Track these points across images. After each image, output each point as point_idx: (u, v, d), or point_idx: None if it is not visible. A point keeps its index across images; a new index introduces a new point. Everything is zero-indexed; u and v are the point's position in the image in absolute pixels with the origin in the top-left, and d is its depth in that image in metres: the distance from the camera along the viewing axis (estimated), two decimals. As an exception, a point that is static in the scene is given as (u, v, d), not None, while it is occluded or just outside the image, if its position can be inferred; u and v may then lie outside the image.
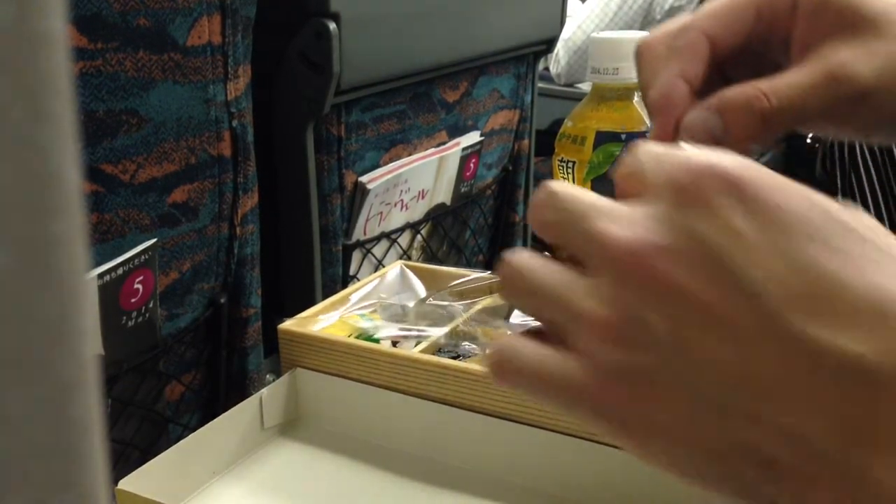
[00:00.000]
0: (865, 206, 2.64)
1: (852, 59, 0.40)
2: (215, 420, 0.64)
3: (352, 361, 0.70)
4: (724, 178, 0.29)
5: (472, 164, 1.27)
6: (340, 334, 0.75)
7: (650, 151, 0.31)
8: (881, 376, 0.26)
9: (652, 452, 0.31)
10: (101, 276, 0.65)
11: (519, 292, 0.33)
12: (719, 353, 0.28)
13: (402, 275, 0.92)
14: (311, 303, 0.87)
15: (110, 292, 0.67)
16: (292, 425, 0.71)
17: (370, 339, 0.77)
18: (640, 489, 0.61)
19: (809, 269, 0.28)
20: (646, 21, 2.28)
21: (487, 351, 0.33)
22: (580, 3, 2.48)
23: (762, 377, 0.28)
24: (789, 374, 0.27)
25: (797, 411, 0.27)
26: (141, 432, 0.75)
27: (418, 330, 0.83)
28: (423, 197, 1.19)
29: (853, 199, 2.70)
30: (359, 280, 1.06)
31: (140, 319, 0.71)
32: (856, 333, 0.27)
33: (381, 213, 1.13)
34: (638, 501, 0.61)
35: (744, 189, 0.29)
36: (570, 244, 0.32)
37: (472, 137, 1.26)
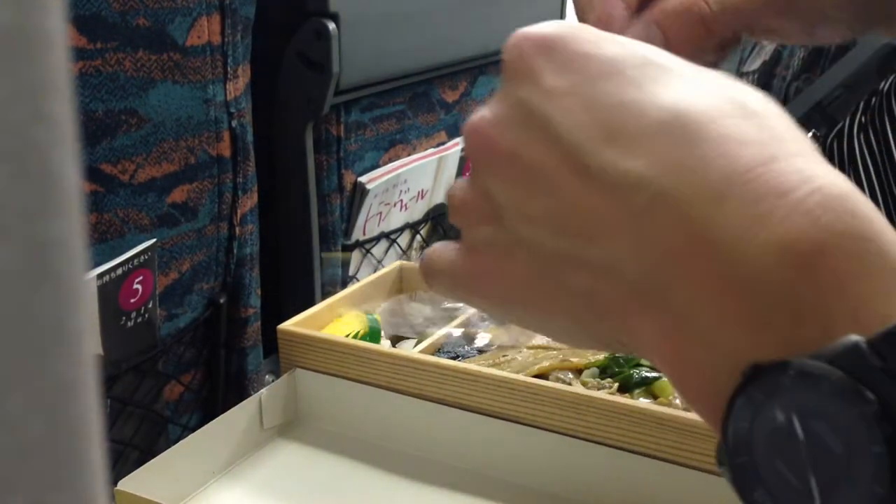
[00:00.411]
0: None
1: None
2: (214, 420, 0.64)
3: (351, 362, 0.70)
4: (537, 41, 0.31)
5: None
6: (340, 334, 0.75)
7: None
8: (660, 190, 0.27)
9: (518, 319, 0.34)
10: (100, 276, 0.65)
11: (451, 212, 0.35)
12: (545, 205, 0.29)
13: (401, 275, 0.92)
14: (311, 303, 0.87)
15: (109, 292, 0.67)
16: (291, 426, 0.71)
17: (371, 337, 0.77)
18: (639, 489, 0.61)
19: (605, 104, 0.29)
20: (645, 21, 2.28)
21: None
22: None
23: (575, 218, 0.29)
24: (595, 209, 0.28)
25: (608, 244, 0.28)
26: (140, 432, 0.75)
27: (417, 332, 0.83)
28: (422, 197, 1.19)
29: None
30: (358, 280, 1.06)
31: (139, 319, 0.71)
32: (637, 154, 0.28)
33: (381, 213, 1.13)
34: (637, 501, 0.61)
35: (554, 47, 0.30)
36: None
37: (472, 137, 1.25)
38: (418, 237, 1.22)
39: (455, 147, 1.21)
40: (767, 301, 0.25)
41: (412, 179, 1.15)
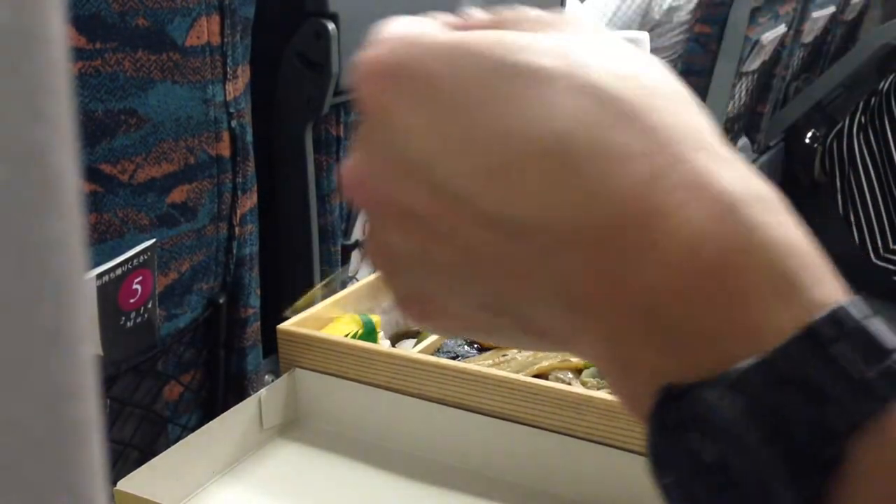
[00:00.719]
0: (865, 207, 2.64)
1: None
2: (214, 420, 0.64)
3: (351, 362, 0.70)
4: (381, 75, 0.28)
5: (470, 165, 1.26)
6: (340, 334, 0.75)
7: (360, 57, 0.30)
8: (557, 234, 0.26)
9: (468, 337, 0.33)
10: (99, 276, 0.65)
11: None
12: (450, 256, 0.28)
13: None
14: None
15: (109, 293, 0.67)
16: (291, 426, 0.71)
17: (367, 337, 0.77)
18: (639, 488, 0.61)
19: (472, 140, 0.26)
20: (644, 20, 2.28)
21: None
22: (579, 2, 2.48)
23: (482, 265, 0.27)
24: (499, 255, 0.27)
25: (523, 287, 0.27)
26: (140, 432, 0.75)
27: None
28: (421, 197, 1.19)
29: (852, 199, 2.70)
30: (358, 280, 1.06)
31: (139, 320, 0.71)
32: (522, 196, 0.26)
33: (380, 213, 1.13)
34: (637, 500, 0.61)
35: (399, 78, 0.28)
36: None
37: (471, 137, 1.26)
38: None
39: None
40: (671, 327, 0.25)
41: (412, 179, 1.15)
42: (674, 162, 0.25)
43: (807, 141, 2.99)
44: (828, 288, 0.25)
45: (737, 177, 0.25)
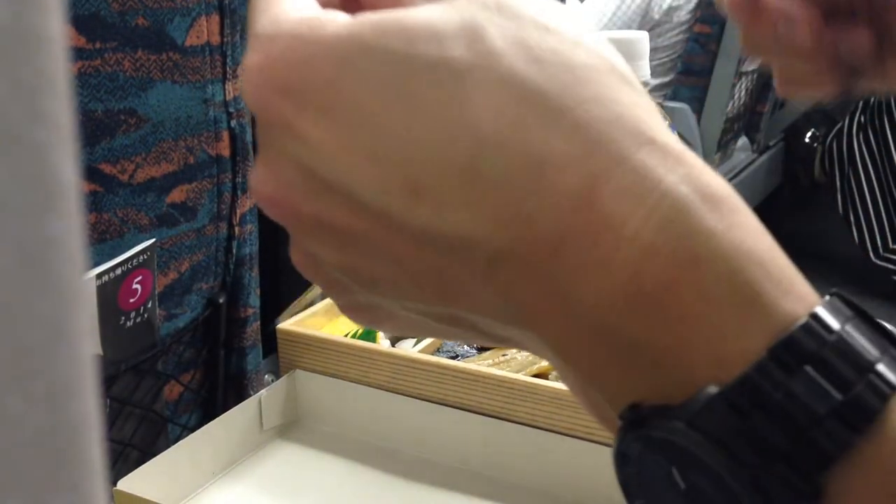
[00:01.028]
0: (864, 207, 2.64)
1: None
2: (214, 421, 0.64)
3: (350, 361, 0.70)
4: (274, 84, 0.24)
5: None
6: (339, 334, 0.75)
7: (251, 46, 0.26)
8: (495, 251, 0.23)
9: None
10: (99, 276, 0.65)
11: None
12: (380, 271, 0.25)
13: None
14: (310, 303, 0.87)
15: (109, 292, 0.67)
16: (291, 426, 0.71)
17: (366, 335, 0.77)
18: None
19: (385, 151, 0.23)
20: (644, 21, 2.28)
21: None
22: (578, 2, 2.48)
23: (417, 280, 0.25)
24: (436, 270, 0.24)
25: (464, 303, 0.25)
26: (139, 432, 0.75)
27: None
28: (421, 197, 1.19)
29: (852, 199, 2.70)
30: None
31: (139, 319, 0.71)
32: (453, 210, 0.23)
33: (380, 212, 1.13)
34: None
35: (291, 85, 0.24)
36: None
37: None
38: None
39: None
40: (625, 347, 0.23)
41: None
42: (612, 164, 0.22)
43: (806, 140, 2.99)
44: (795, 296, 0.22)
45: (685, 175, 0.23)
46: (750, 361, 0.21)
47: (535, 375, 0.69)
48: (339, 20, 0.24)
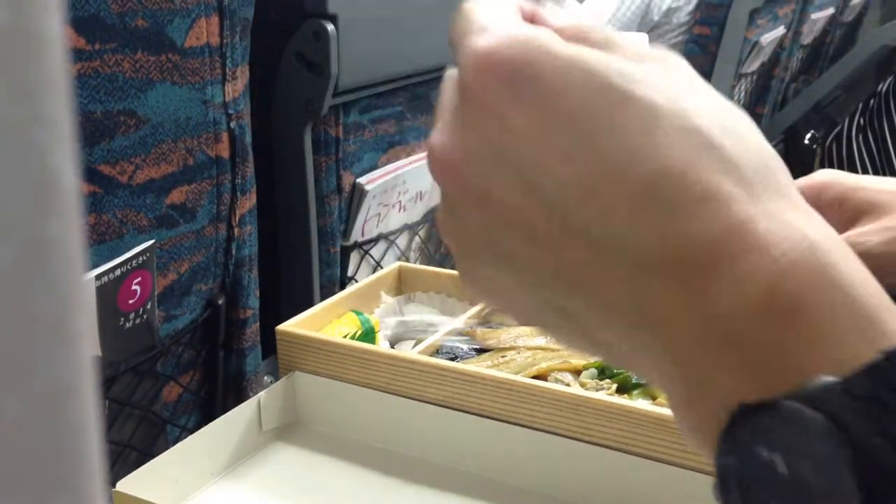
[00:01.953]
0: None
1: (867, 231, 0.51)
2: (213, 422, 0.64)
3: (350, 363, 0.70)
4: (501, 72, 0.29)
5: (470, 166, 1.26)
6: (338, 335, 0.75)
7: (464, 25, 0.31)
8: (646, 257, 0.27)
9: (517, 319, 0.33)
10: (98, 277, 0.65)
11: None
12: (527, 251, 0.29)
13: (400, 276, 0.91)
14: (309, 304, 0.87)
15: (108, 293, 0.67)
16: (290, 428, 0.71)
17: (365, 336, 0.77)
18: (638, 490, 0.61)
19: (582, 157, 0.28)
20: (643, 22, 2.28)
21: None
22: (577, 3, 2.48)
23: (558, 269, 0.29)
24: (580, 263, 0.28)
25: (597, 299, 0.28)
26: (139, 433, 0.75)
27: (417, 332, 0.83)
28: (421, 198, 1.19)
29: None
30: (357, 281, 1.05)
31: (138, 321, 0.71)
32: (619, 217, 0.27)
33: (379, 214, 1.13)
34: (636, 502, 0.61)
35: (519, 79, 0.28)
36: None
37: (470, 139, 1.25)
38: (417, 238, 1.22)
39: (454, 148, 1.21)
40: (757, 354, 0.26)
41: (411, 181, 1.15)
42: (768, 210, 0.27)
43: (806, 142, 2.99)
44: None
45: (811, 221, 0.28)
46: (866, 363, 0.25)
47: (535, 377, 0.69)
48: (565, 44, 0.29)
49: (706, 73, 2.29)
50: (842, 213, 0.56)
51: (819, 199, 0.57)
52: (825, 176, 0.58)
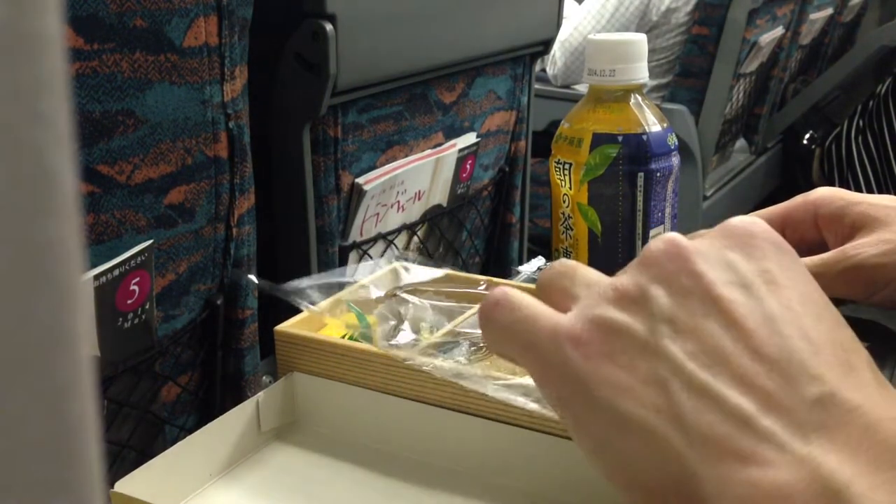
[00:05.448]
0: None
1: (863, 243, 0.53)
2: (212, 423, 0.64)
3: (349, 364, 0.70)
4: (772, 237, 0.32)
5: (468, 166, 1.27)
6: (337, 335, 0.75)
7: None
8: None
9: (593, 428, 0.34)
10: (97, 277, 0.65)
11: (556, 273, 0.35)
12: (713, 339, 0.30)
13: (399, 277, 0.91)
14: (308, 304, 0.87)
15: (106, 294, 0.67)
16: (289, 429, 0.71)
17: (363, 336, 0.77)
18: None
19: (820, 329, 0.30)
20: (642, 23, 2.28)
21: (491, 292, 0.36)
22: (577, 4, 2.48)
23: (739, 375, 0.29)
24: (765, 388, 0.29)
25: (766, 421, 0.29)
26: (137, 434, 0.75)
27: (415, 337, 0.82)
28: (419, 198, 1.19)
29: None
30: (356, 282, 1.05)
31: (136, 321, 0.71)
32: (836, 374, 0.29)
33: (378, 214, 1.13)
34: (635, 503, 0.61)
35: (783, 250, 0.32)
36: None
37: (469, 139, 1.26)
38: (415, 238, 1.22)
39: (452, 148, 1.21)
40: None
41: (409, 181, 1.15)
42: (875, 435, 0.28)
43: (804, 143, 2.99)
44: None
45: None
46: None
47: (533, 377, 0.69)
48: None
49: (705, 73, 2.29)
50: (840, 227, 0.57)
51: (817, 214, 0.58)
52: (823, 192, 0.59)
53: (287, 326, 0.74)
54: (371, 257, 1.14)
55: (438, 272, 0.91)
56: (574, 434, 0.35)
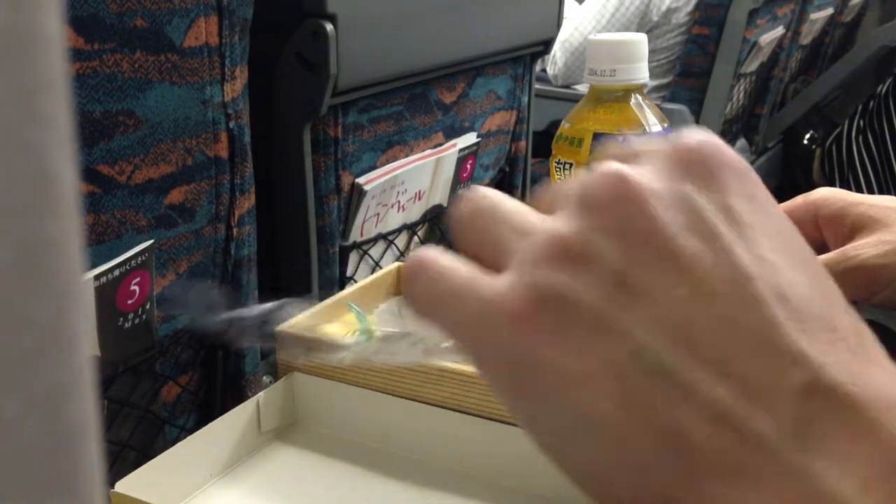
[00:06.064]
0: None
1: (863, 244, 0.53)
2: (212, 423, 0.64)
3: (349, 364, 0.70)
4: (728, 161, 0.27)
5: (468, 166, 1.27)
6: (337, 336, 0.75)
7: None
8: (820, 380, 0.24)
9: (546, 424, 0.28)
10: (97, 277, 0.65)
11: (476, 212, 0.29)
12: (676, 298, 0.25)
13: (399, 277, 0.91)
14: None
15: (107, 294, 0.67)
16: (289, 429, 0.71)
17: (365, 336, 0.77)
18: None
19: (782, 267, 0.26)
20: (643, 23, 2.28)
21: (408, 258, 0.30)
22: (577, 4, 2.48)
23: (716, 334, 0.25)
24: (744, 333, 0.25)
25: (748, 404, 0.24)
26: (137, 434, 0.75)
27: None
28: (419, 198, 1.19)
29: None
30: (356, 282, 1.05)
31: (137, 321, 0.71)
32: (805, 335, 0.25)
33: (378, 214, 1.13)
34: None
35: (745, 176, 0.27)
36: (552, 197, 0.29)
37: (469, 139, 1.26)
38: (416, 238, 1.22)
39: (452, 148, 1.21)
40: None
41: (410, 180, 1.15)
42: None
43: (805, 143, 2.99)
44: None
45: None
46: None
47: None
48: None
49: (705, 73, 2.29)
50: (840, 228, 0.56)
51: (818, 214, 0.58)
52: (824, 192, 0.59)
53: (287, 326, 0.74)
54: (371, 257, 1.14)
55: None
56: (528, 432, 0.30)
